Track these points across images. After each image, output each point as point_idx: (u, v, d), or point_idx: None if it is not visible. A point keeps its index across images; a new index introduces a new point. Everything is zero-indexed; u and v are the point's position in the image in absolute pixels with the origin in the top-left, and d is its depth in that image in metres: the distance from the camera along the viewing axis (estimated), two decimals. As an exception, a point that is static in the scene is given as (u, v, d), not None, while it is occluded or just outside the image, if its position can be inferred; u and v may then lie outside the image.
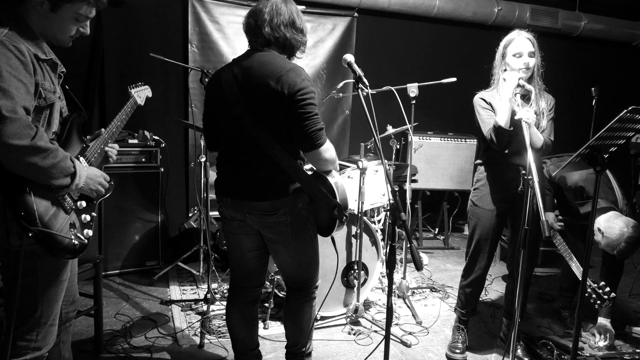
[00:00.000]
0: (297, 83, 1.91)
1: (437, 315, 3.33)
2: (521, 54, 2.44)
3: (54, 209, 1.63)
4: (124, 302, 3.32)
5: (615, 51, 6.09)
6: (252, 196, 2.04)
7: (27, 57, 1.53)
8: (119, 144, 3.69)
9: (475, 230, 2.69)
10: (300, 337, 2.32)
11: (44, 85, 1.60)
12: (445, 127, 5.08)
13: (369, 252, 3.24)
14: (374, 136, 1.82)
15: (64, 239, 1.65)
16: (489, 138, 2.43)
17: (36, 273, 1.64)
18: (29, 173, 1.53)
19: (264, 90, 1.93)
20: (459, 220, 5.54)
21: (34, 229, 1.55)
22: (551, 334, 3.09)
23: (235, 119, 2.00)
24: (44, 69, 1.64)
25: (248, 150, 2.02)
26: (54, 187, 1.61)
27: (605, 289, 2.57)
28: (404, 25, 5.17)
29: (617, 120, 2.04)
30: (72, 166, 1.63)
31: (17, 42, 1.53)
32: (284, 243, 2.10)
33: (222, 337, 2.87)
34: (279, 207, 2.02)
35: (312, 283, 2.27)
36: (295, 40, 2.04)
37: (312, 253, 2.20)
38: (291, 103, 1.91)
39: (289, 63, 1.97)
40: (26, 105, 1.50)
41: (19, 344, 1.67)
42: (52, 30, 1.67)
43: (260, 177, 2.02)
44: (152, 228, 3.86)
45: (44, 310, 1.69)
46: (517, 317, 2.06)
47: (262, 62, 1.97)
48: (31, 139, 1.47)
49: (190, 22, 4.36)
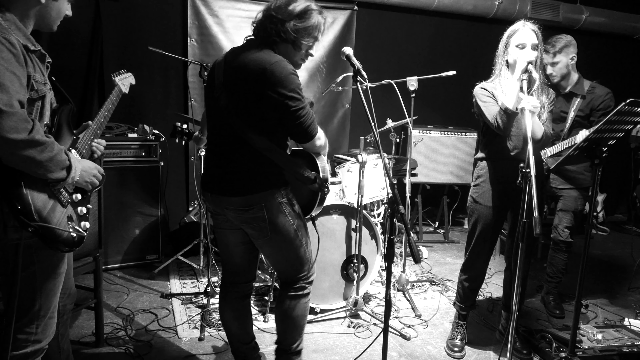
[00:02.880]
0: (282, 78, 1.87)
1: (437, 309, 3.35)
2: (524, 45, 2.39)
3: (51, 202, 1.64)
4: (124, 296, 3.33)
5: (616, 44, 6.07)
6: (226, 191, 2.02)
7: (18, 49, 1.52)
8: (118, 138, 3.74)
9: (476, 226, 2.68)
10: (289, 333, 2.27)
11: (35, 77, 1.60)
12: (445, 121, 5.08)
13: (368, 246, 3.25)
14: (373, 130, 1.81)
15: (62, 232, 1.65)
16: (494, 123, 2.40)
17: (33, 266, 1.65)
18: (27, 167, 1.53)
19: (245, 79, 1.91)
20: (459, 214, 5.55)
21: (33, 224, 1.55)
22: (550, 326, 3.10)
23: (216, 103, 2.01)
24: (34, 60, 1.63)
25: (227, 138, 2.01)
26: (51, 180, 1.61)
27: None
28: (404, 18, 5.15)
29: (615, 113, 2.03)
30: (67, 159, 1.63)
31: (6, 33, 1.51)
32: (265, 239, 2.08)
33: (222, 330, 2.88)
34: (253, 203, 1.99)
35: (302, 277, 2.21)
36: (298, 32, 1.97)
37: (297, 247, 2.14)
38: (278, 99, 1.89)
39: (274, 56, 1.92)
40: (20, 98, 1.49)
41: (18, 337, 1.68)
42: (51, 19, 1.70)
43: (236, 168, 2.00)
44: (152, 222, 3.87)
45: (43, 303, 1.69)
46: (515, 310, 2.06)
47: (249, 53, 1.95)
48: (29, 133, 1.47)
49: (190, 15, 4.35)
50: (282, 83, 1.87)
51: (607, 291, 3.83)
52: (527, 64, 2.27)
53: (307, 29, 1.99)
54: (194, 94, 4.42)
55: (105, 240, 3.63)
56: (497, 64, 2.55)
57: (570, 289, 3.65)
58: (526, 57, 2.32)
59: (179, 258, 3.81)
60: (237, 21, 4.50)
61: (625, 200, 6.41)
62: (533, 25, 2.43)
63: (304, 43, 2.01)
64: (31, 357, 1.72)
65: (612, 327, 2.94)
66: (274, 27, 1.95)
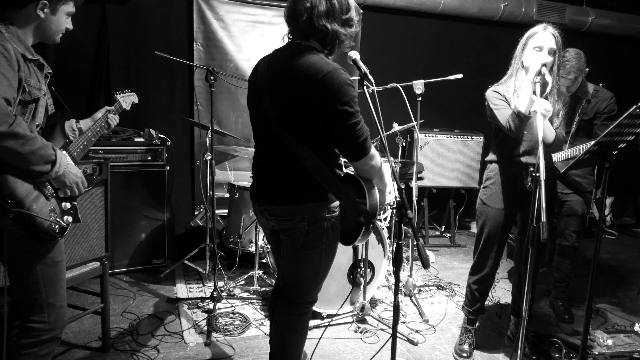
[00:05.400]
0: (336, 90, 1.74)
1: (444, 313, 3.32)
2: (541, 48, 2.34)
3: (35, 193, 1.75)
4: (130, 300, 3.33)
5: (623, 46, 6.03)
6: (271, 200, 1.94)
7: (11, 54, 1.66)
8: (124, 142, 3.75)
9: (484, 228, 2.66)
10: (285, 351, 2.13)
11: (29, 82, 1.74)
12: (451, 124, 5.06)
13: (375, 250, 3.23)
14: (380, 133, 1.80)
15: (44, 221, 1.76)
16: (507, 126, 2.38)
17: (30, 255, 1.78)
18: (8, 157, 1.64)
19: (294, 88, 1.79)
20: (466, 217, 5.52)
21: (15, 210, 1.67)
22: (559, 332, 3.07)
23: (263, 114, 1.88)
24: (31, 68, 1.78)
25: (274, 148, 1.90)
26: (34, 172, 1.73)
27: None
28: (410, 21, 5.14)
29: (626, 116, 2.01)
30: (54, 154, 1.74)
31: (3, 41, 1.67)
32: (292, 249, 1.97)
33: (228, 335, 2.87)
34: (297, 213, 1.89)
35: (305, 298, 2.08)
36: (339, 33, 1.85)
37: (315, 268, 2.01)
38: (330, 111, 1.76)
39: (328, 64, 1.77)
40: (7, 96, 1.61)
41: (34, 326, 1.83)
42: (51, 32, 1.85)
43: (282, 179, 1.90)
44: (158, 226, 3.87)
45: (48, 290, 1.83)
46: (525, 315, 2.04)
47: (298, 58, 1.80)
48: (9, 126, 1.58)
49: (195, 20, 4.35)
50: (337, 94, 1.74)
51: (616, 295, 3.79)
52: (541, 66, 2.24)
53: (349, 23, 1.88)
54: (200, 98, 4.42)
55: (112, 244, 3.61)
56: (512, 64, 2.51)
57: (578, 293, 3.62)
58: (541, 59, 2.29)
59: (185, 262, 3.81)
60: (243, 25, 4.51)
61: (632, 203, 6.36)
62: (554, 30, 2.37)
63: (346, 39, 1.90)
64: (46, 345, 1.87)
65: (623, 333, 2.90)
66: (321, 26, 1.81)
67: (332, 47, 1.89)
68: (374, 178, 1.97)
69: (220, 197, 4.41)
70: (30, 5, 1.76)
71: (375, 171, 1.93)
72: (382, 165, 1.97)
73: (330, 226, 1.94)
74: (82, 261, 2.52)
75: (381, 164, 1.95)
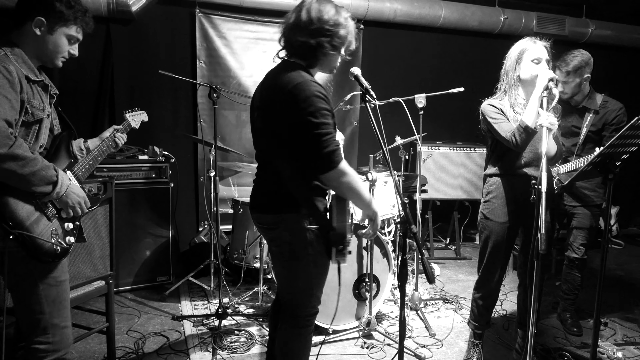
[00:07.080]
0: (302, 100, 1.80)
1: (451, 327, 3.29)
2: (540, 60, 2.39)
3: (36, 214, 1.74)
4: (135, 318, 3.32)
5: (624, 57, 6.05)
6: (258, 208, 2.03)
7: (14, 76, 1.67)
8: (129, 160, 3.77)
9: (487, 243, 2.64)
10: None
11: (32, 103, 1.74)
12: (454, 136, 5.06)
13: (380, 264, 3.22)
14: (382, 148, 1.81)
15: (45, 243, 1.75)
16: (512, 140, 2.38)
17: (33, 275, 1.76)
18: (9, 179, 1.64)
19: (272, 100, 1.91)
20: (470, 229, 5.49)
21: (15, 231, 1.66)
22: (568, 344, 3.04)
23: (253, 125, 2.03)
24: (35, 89, 1.78)
25: (262, 159, 2.04)
26: (36, 193, 1.72)
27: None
28: (410, 36, 5.19)
29: (628, 127, 2.01)
30: (55, 175, 1.74)
31: (6, 63, 1.67)
32: (281, 260, 2.03)
33: (234, 353, 2.85)
34: (279, 222, 1.94)
35: (304, 311, 2.05)
36: (308, 44, 1.87)
37: (306, 280, 2.00)
38: (295, 121, 1.82)
39: (300, 77, 1.83)
40: (8, 118, 1.62)
41: (39, 347, 1.80)
42: (48, 52, 1.83)
43: (267, 188, 2.00)
44: (162, 243, 3.87)
45: (52, 310, 1.80)
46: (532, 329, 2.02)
47: (280, 73, 1.90)
48: (9, 148, 1.58)
49: (198, 38, 4.41)
50: (302, 104, 1.80)
51: (625, 307, 3.75)
52: (548, 81, 2.24)
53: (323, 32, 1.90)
54: (203, 115, 4.45)
55: (116, 262, 3.61)
56: (505, 79, 2.54)
57: (586, 304, 3.58)
58: (548, 74, 2.28)
59: (189, 279, 3.80)
60: (245, 42, 4.56)
61: (639, 212, 6.32)
62: (544, 42, 2.45)
63: (322, 49, 1.91)
64: None
65: (632, 345, 2.87)
66: (293, 40, 1.90)
67: (311, 59, 1.92)
68: (347, 196, 1.93)
69: (224, 213, 4.42)
70: (28, 23, 1.77)
71: (346, 189, 1.89)
72: (360, 185, 1.92)
73: (315, 237, 1.93)
74: (87, 280, 2.51)
75: (357, 184, 1.90)
